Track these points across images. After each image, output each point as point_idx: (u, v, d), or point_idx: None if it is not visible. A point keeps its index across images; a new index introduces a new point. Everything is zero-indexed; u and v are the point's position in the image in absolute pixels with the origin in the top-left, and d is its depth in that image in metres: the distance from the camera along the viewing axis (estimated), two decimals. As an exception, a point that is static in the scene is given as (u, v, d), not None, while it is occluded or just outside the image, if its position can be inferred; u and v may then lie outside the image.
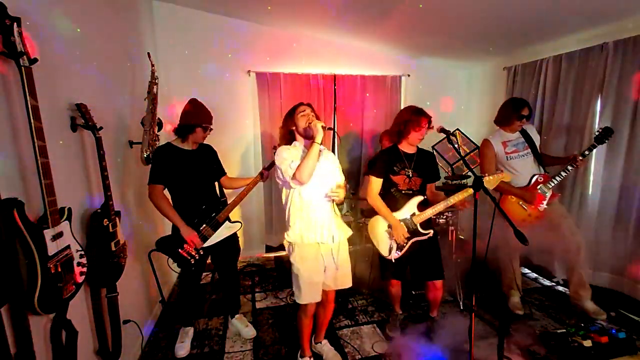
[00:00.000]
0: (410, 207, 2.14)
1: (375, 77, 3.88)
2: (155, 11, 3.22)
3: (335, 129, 3.81)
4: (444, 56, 3.99)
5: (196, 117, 2.11)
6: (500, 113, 2.55)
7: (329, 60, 3.77)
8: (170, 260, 2.12)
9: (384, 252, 2.17)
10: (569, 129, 3.03)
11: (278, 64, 3.62)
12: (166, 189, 2.11)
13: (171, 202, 2.13)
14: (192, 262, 2.07)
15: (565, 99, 3.03)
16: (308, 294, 1.85)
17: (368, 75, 3.85)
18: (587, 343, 2.01)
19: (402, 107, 4.06)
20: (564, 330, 2.17)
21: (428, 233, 2.13)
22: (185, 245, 2.03)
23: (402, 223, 2.13)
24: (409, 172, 2.16)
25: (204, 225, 2.12)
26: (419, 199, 2.14)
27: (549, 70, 3.15)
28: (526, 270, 3.31)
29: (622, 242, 2.77)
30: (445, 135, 1.97)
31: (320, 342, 2.20)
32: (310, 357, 2.06)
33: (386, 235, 2.17)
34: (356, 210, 4.02)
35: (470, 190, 1.94)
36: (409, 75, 4.01)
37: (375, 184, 2.17)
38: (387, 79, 3.91)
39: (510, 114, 2.45)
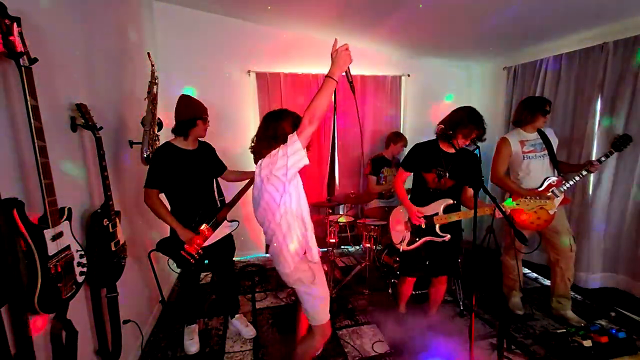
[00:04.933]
0: (435, 207, 2.10)
1: (375, 77, 3.87)
2: (155, 11, 3.22)
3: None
4: (444, 56, 3.98)
5: (193, 110, 2.07)
6: (520, 112, 2.44)
7: (329, 60, 3.73)
8: (171, 261, 2.12)
9: (395, 240, 2.24)
10: (569, 129, 3.02)
11: (278, 64, 3.61)
12: (162, 192, 2.09)
13: (169, 203, 2.11)
14: (192, 262, 2.07)
15: (565, 99, 3.03)
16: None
17: (368, 75, 3.84)
18: (587, 343, 2.01)
19: (402, 107, 4.05)
20: (564, 330, 2.17)
21: (444, 237, 2.09)
22: (185, 246, 2.03)
23: (419, 209, 2.11)
24: (441, 171, 2.06)
25: (204, 225, 2.12)
26: (447, 201, 2.07)
27: (548, 70, 3.14)
28: (526, 270, 3.31)
29: (617, 241, 2.81)
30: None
31: None
32: None
33: (402, 225, 2.22)
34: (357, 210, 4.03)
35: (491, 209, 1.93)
36: (409, 75, 4.00)
37: (402, 174, 2.20)
38: (387, 79, 3.91)
39: (535, 110, 2.36)
